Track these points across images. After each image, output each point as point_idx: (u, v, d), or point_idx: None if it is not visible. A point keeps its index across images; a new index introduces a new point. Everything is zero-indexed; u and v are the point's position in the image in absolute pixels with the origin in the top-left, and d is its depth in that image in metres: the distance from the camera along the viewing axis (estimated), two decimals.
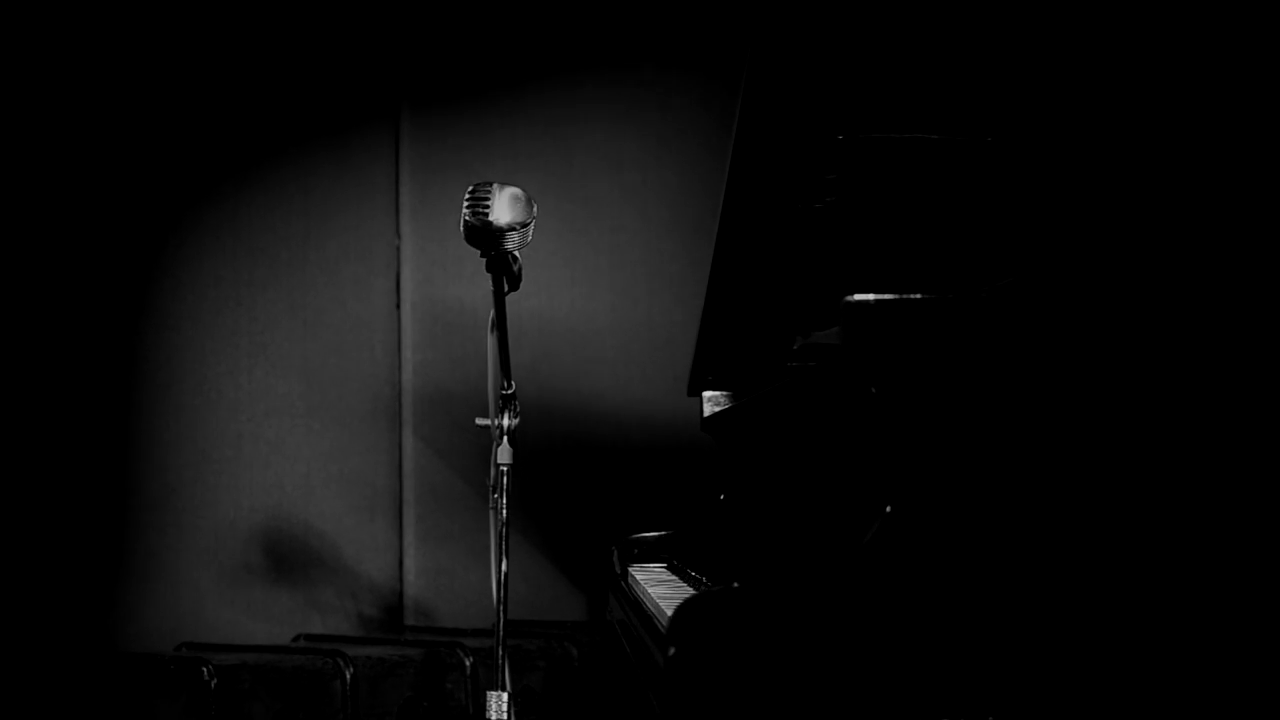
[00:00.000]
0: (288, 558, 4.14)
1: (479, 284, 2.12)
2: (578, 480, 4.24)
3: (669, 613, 1.72)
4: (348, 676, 3.39)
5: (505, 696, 2.01)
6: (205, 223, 4.05)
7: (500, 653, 1.98)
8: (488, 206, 2.00)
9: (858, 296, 1.79)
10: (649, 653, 1.94)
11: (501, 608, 2.01)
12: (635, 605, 2.29)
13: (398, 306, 4.24)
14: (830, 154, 1.97)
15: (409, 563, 4.34)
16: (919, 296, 1.79)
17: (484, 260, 2.15)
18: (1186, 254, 1.86)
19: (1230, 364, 1.77)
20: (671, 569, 2.64)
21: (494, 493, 2.12)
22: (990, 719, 1.65)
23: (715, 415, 2.79)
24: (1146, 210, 1.95)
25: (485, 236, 2.04)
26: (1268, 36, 1.93)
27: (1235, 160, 1.94)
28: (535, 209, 2.05)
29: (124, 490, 3.88)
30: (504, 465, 2.11)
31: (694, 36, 4.37)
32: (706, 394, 2.81)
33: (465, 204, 2.02)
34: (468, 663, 3.53)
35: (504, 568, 2.06)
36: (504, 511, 2.07)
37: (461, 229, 2.07)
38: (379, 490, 4.26)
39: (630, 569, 2.64)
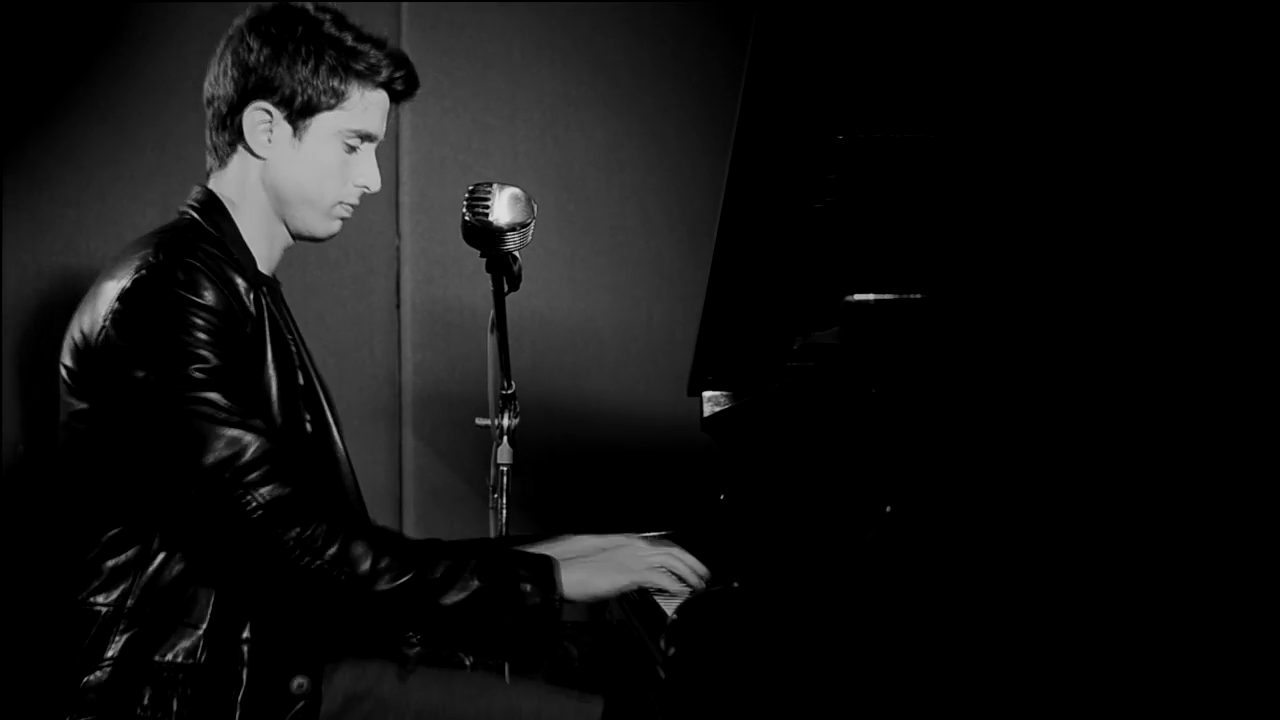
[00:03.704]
0: None
1: (479, 284, 2.12)
2: (577, 480, 4.24)
3: (669, 613, 1.72)
4: None
5: None
6: None
7: None
8: (487, 207, 2.01)
9: (858, 296, 1.79)
10: (649, 653, 1.94)
11: None
12: (635, 605, 2.29)
13: (398, 306, 4.24)
14: (830, 154, 1.97)
15: None
16: (919, 296, 1.79)
17: (484, 260, 2.15)
18: (1189, 255, 1.86)
19: (1232, 366, 1.77)
20: None
21: (494, 493, 2.12)
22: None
23: (715, 415, 2.79)
24: (1148, 210, 1.95)
25: (485, 237, 2.04)
26: (1267, 37, 1.93)
27: (1239, 160, 1.94)
28: (535, 209, 2.05)
29: None
30: (504, 465, 2.11)
31: (694, 36, 4.37)
32: (706, 394, 2.81)
33: (465, 204, 2.02)
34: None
35: None
36: (504, 511, 2.07)
37: (461, 229, 2.07)
38: (379, 490, 4.25)
39: None
